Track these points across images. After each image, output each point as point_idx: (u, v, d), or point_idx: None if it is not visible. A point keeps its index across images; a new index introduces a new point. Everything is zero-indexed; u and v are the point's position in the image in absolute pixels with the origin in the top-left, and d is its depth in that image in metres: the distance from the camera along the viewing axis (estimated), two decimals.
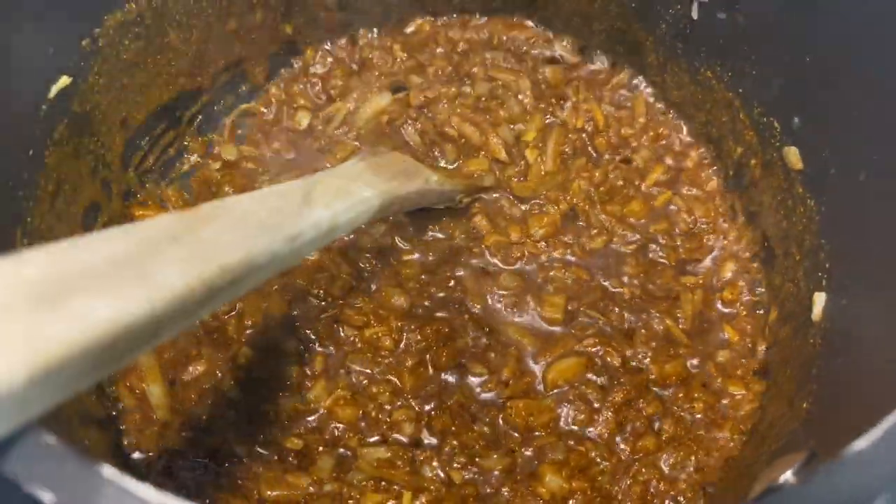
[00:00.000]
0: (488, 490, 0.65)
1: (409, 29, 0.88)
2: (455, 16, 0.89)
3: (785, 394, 0.65)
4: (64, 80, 0.65)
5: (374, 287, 0.74)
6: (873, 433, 0.33)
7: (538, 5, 0.86)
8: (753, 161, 0.76)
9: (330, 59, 0.87)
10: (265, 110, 0.85)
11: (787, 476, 0.42)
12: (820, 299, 0.64)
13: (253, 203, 0.48)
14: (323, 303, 0.73)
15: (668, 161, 0.82)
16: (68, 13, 0.65)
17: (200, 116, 0.83)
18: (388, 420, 0.67)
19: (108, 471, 0.30)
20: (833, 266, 0.64)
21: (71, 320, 0.31)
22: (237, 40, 0.81)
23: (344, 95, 0.84)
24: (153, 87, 0.76)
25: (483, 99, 0.84)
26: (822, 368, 0.60)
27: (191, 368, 0.70)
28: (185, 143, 0.82)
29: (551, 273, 0.75)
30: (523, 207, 0.79)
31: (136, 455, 0.67)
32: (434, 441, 0.67)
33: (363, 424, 0.68)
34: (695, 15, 0.76)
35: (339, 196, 0.59)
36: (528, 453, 0.67)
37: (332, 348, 0.71)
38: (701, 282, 0.76)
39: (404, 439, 0.67)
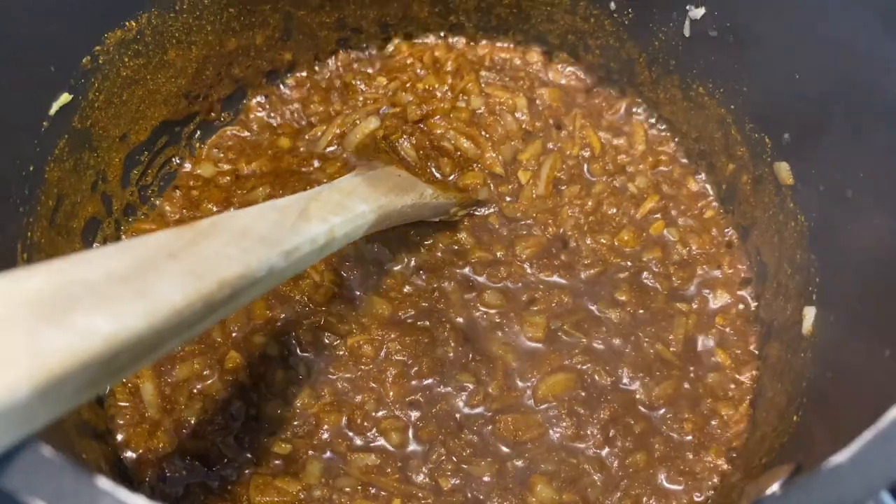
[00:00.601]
0: (480, 497, 0.65)
1: (389, 49, 0.89)
2: (442, 34, 0.90)
3: (776, 408, 0.66)
4: (65, 97, 0.66)
5: (357, 295, 0.74)
6: (851, 448, 0.34)
7: (533, 23, 0.87)
8: (745, 177, 0.77)
9: (307, 85, 0.88)
10: (247, 134, 0.85)
11: (774, 489, 0.42)
12: (810, 313, 0.65)
13: (251, 218, 0.49)
14: (306, 309, 0.73)
15: (666, 189, 0.82)
16: (70, 31, 0.66)
17: (199, 132, 0.84)
18: (376, 427, 0.68)
19: (104, 483, 0.31)
20: (823, 280, 0.64)
21: (73, 335, 0.32)
22: (235, 60, 0.82)
23: (326, 120, 0.85)
24: (152, 104, 0.77)
25: (478, 113, 0.85)
26: (812, 381, 0.60)
27: (177, 371, 0.71)
28: (184, 158, 0.83)
29: (536, 295, 0.75)
30: (511, 227, 0.79)
31: (129, 454, 0.67)
32: (421, 448, 0.67)
33: (350, 431, 0.68)
34: (687, 33, 0.77)
35: (336, 211, 0.59)
36: (519, 464, 0.67)
37: (315, 355, 0.72)
38: (694, 307, 0.76)
39: (391, 447, 0.67)
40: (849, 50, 0.61)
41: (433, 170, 0.82)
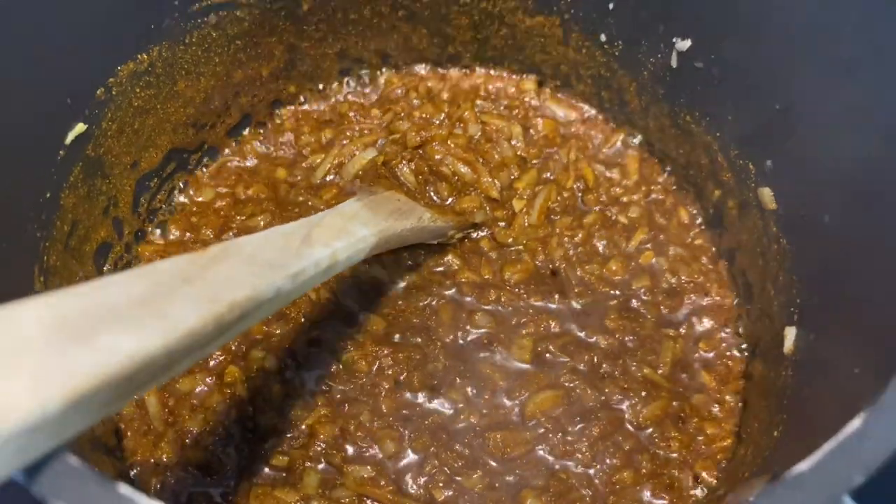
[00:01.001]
0: None
1: (380, 81, 0.93)
2: (427, 66, 0.94)
3: (760, 424, 0.68)
4: (80, 127, 0.69)
5: (352, 312, 0.77)
6: (813, 457, 0.36)
7: (527, 53, 0.91)
8: (731, 202, 0.80)
9: (299, 116, 0.91)
10: (246, 163, 0.89)
11: (750, 499, 0.45)
12: (791, 333, 0.67)
13: (258, 244, 0.52)
14: (303, 325, 0.76)
15: (657, 218, 0.85)
16: (85, 65, 0.69)
17: (206, 159, 0.87)
18: (370, 437, 0.70)
19: (125, 489, 0.34)
20: (803, 301, 0.67)
21: (99, 354, 0.35)
22: (242, 90, 0.86)
23: (318, 151, 0.88)
24: (162, 132, 0.81)
25: (475, 139, 0.88)
26: (792, 398, 0.63)
27: (179, 384, 0.73)
28: (188, 184, 0.87)
29: (524, 319, 0.77)
30: (501, 252, 0.82)
31: (136, 464, 0.70)
32: (414, 459, 0.70)
33: (345, 442, 0.70)
34: (674, 64, 0.80)
35: (338, 235, 0.63)
36: (510, 479, 0.69)
37: (311, 369, 0.74)
38: (682, 332, 0.78)
39: (385, 458, 0.70)
40: (823, 81, 0.64)
41: (432, 194, 0.86)
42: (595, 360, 0.76)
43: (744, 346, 0.77)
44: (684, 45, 0.78)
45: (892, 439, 0.37)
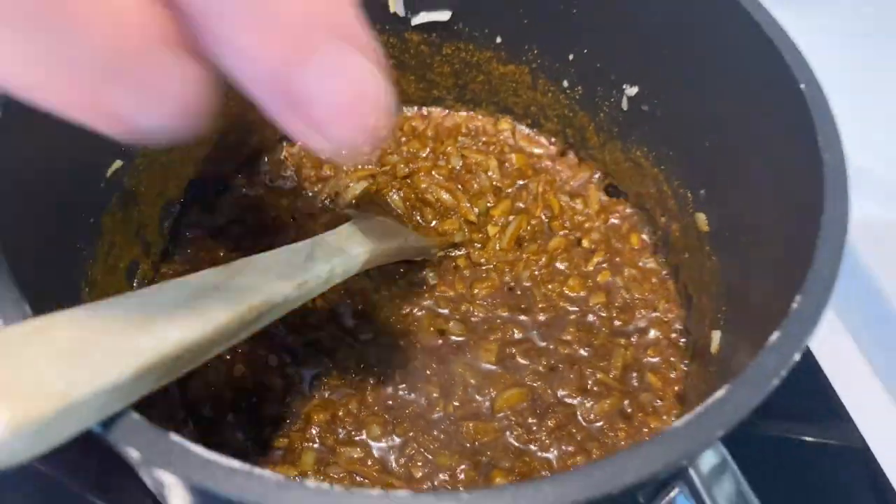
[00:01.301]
0: (447, 487, 0.80)
1: None
2: (413, 108, 1.07)
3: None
4: (117, 163, 0.82)
5: (342, 318, 0.89)
6: (687, 416, 0.49)
7: (501, 96, 1.04)
8: (675, 226, 0.92)
9: (302, 154, 1.04)
10: (255, 193, 1.01)
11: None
12: (716, 336, 0.80)
13: (271, 259, 0.65)
14: (302, 329, 0.88)
15: (614, 242, 0.97)
16: None
17: (221, 188, 1.00)
18: (357, 422, 0.82)
19: (175, 436, 0.46)
20: (727, 309, 0.80)
21: (156, 339, 0.47)
22: (254, 129, 0.99)
23: (318, 182, 1.01)
24: (184, 166, 0.93)
25: (457, 170, 1.01)
26: (714, 391, 0.75)
27: (194, 381, 0.84)
28: (205, 210, 0.99)
29: (492, 327, 0.89)
30: (473, 270, 0.94)
31: None
32: (397, 442, 0.81)
33: (337, 428, 0.82)
34: (625, 107, 0.93)
35: (336, 253, 0.75)
36: (482, 459, 0.81)
37: (308, 366, 0.86)
38: (633, 341, 0.90)
39: (371, 441, 0.81)
40: (744, 124, 0.77)
41: (418, 217, 0.98)
42: (553, 364, 0.87)
43: (685, 350, 0.90)
44: (632, 90, 0.91)
45: (745, 405, 0.49)
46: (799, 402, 0.95)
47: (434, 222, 0.98)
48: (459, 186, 0.99)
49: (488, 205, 0.99)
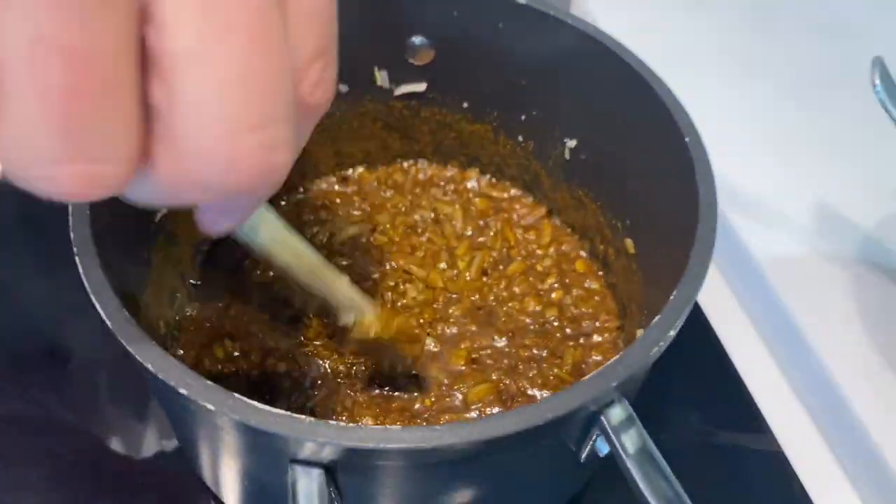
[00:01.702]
0: None
1: (355, 175, 1.23)
2: (399, 161, 1.25)
3: None
4: (163, 210, 1.00)
5: (337, 333, 1.03)
6: (608, 364, 0.69)
7: (470, 150, 1.23)
8: (611, 250, 1.11)
9: (303, 204, 1.19)
10: None
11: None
12: (640, 333, 0.99)
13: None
14: (304, 341, 1.03)
15: (564, 266, 1.14)
16: None
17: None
18: (351, 416, 0.95)
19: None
20: (648, 312, 1.00)
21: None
22: None
23: (317, 225, 1.16)
24: None
25: (428, 221, 1.19)
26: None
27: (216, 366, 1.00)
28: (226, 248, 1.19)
29: (463, 336, 1.04)
30: (448, 296, 1.09)
31: None
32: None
33: (336, 420, 0.94)
34: (567, 157, 1.12)
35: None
36: None
37: (308, 372, 1.00)
38: (581, 343, 1.06)
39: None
40: (651, 170, 0.99)
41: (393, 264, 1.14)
42: (515, 364, 1.04)
43: (621, 347, 1.09)
44: (572, 143, 1.11)
45: (632, 366, 0.70)
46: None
47: (403, 286, 1.12)
48: (428, 235, 1.17)
49: (454, 246, 1.16)
